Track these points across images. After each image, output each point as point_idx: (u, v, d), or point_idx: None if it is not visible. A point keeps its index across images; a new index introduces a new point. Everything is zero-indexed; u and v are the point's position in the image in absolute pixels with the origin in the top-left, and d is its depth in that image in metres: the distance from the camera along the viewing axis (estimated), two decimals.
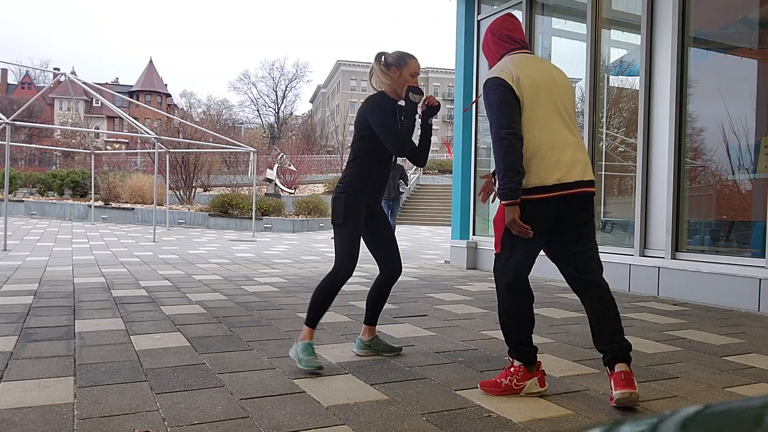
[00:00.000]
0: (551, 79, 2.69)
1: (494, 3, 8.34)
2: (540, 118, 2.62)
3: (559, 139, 2.62)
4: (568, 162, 2.60)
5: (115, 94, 16.79)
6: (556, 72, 2.78)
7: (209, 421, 2.30)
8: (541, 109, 2.63)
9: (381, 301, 3.43)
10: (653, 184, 6.10)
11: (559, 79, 2.74)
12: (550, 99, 2.65)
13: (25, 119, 38.79)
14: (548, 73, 2.71)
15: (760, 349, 3.69)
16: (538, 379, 2.68)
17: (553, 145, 2.61)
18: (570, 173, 2.60)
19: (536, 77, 2.65)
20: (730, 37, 5.68)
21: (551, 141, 2.61)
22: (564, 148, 2.61)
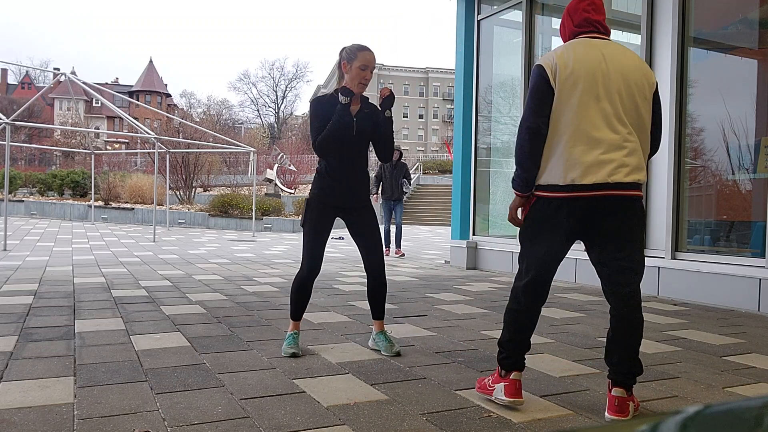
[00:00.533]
0: (603, 68, 2.39)
1: (494, 3, 8.34)
2: (570, 112, 2.39)
3: (587, 135, 2.37)
4: (590, 162, 2.35)
5: (115, 94, 16.79)
6: (623, 61, 2.44)
7: (209, 421, 2.30)
8: (575, 102, 2.38)
9: (374, 295, 3.49)
10: (653, 184, 6.10)
11: (621, 68, 2.41)
12: (593, 91, 2.38)
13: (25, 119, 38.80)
14: (604, 61, 2.40)
15: (760, 349, 3.69)
16: (505, 386, 2.49)
17: (578, 142, 2.38)
18: (589, 175, 2.35)
19: (582, 66, 2.38)
20: (730, 37, 5.68)
21: (576, 138, 2.38)
22: (592, 145, 2.36)
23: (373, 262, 3.43)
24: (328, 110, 3.29)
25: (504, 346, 2.57)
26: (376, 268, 3.43)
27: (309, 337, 3.79)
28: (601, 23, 2.53)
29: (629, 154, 2.39)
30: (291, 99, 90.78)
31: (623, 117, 2.39)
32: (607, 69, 2.40)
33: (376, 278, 3.45)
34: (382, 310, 3.50)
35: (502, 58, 8.39)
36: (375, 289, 3.47)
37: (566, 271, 6.90)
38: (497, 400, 2.52)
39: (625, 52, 2.48)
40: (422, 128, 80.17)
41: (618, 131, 2.39)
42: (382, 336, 3.44)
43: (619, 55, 2.44)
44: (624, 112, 2.40)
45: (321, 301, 5.23)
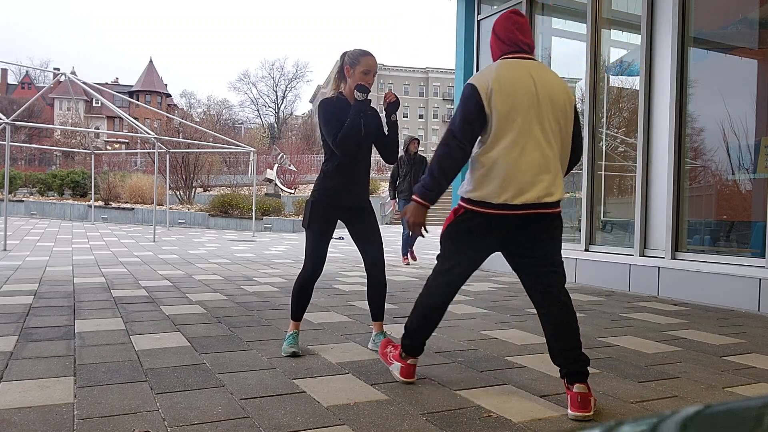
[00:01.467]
0: (534, 93, 2.55)
1: (494, 3, 8.34)
2: (504, 135, 2.54)
3: (520, 158, 2.53)
4: (523, 183, 2.52)
5: (115, 94, 16.79)
6: (549, 83, 2.61)
7: (209, 421, 2.30)
8: (509, 125, 2.53)
9: (374, 296, 3.48)
10: (653, 184, 6.10)
11: (548, 92, 2.58)
12: (526, 115, 2.53)
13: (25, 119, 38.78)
14: (534, 85, 2.56)
15: (760, 349, 3.69)
16: (402, 368, 2.82)
17: (512, 164, 2.53)
18: (521, 195, 2.52)
19: (517, 91, 2.53)
20: (730, 37, 5.68)
21: (510, 160, 2.53)
22: (525, 168, 2.52)
23: (374, 262, 3.43)
24: (340, 111, 3.33)
25: (410, 334, 2.81)
26: (376, 268, 3.44)
27: (309, 337, 3.79)
28: (527, 43, 2.69)
29: (555, 175, 2.60)
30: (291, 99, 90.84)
31: (551, 140, 2.59)
32: (538, 93, 2.57)
33: (376, 278, 3.45)
34: (382, 311, 3.50)
35: None
36: (375, 290, 3.47)
37: (566, 271, 6.90)
38: (393, 375, 2.88)
39: (549, 73, 2.68)
40: (422, 128, 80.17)
41: (546, 155, 2.58)
42: (382, 336, 3.45)
43: (546, 78, 2.63)
44: (552, 134, 2.59)
45: (321, 301, 5.23)
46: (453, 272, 2.70)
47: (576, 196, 7.13)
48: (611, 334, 4.06)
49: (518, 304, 5.26)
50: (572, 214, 7.19)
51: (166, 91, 76.19)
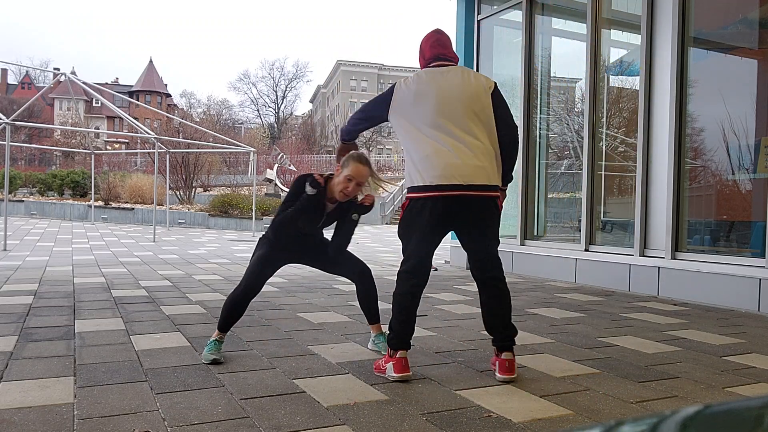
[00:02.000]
0: (446, 89, 2.90)
1: (494, 3, 8.34)
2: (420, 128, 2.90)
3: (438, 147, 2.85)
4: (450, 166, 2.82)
5: (115, 94, 16.79)
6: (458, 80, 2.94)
7: (209, 421, 2.30)
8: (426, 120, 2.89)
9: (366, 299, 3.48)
10: (653, 184, 6.10)
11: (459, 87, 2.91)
12: (439, 110, 2.87)
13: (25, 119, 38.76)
14: (446, 82, 2.92)
15: (760, 349, 3.69)
16: (394, 364, 2.85)
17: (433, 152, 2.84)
18: (447, 178, 2.81)
19: (430, 90, 2.90)
20: (730, 37, 5.68)
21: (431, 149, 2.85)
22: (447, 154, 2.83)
23: (356, 272, 3.43)
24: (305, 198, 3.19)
25: (392, 327, 2.94)
26: (361, 275, 3.43)
27: (309, 337, 3.79)
28: (447, 55, 3.08)
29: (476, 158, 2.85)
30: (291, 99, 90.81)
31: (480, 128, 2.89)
32: (449, 88, 2.91)
33: (364, 282, 3.43)
34: (377, 313, 3.49)
35: (502, 58, 8.40)
36: (366, 294, 3.44)
37: (566, 271, 6.90)
38: (389, 377, 2.87)
39: (463, 72, 2.99)
40: None
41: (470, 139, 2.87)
42: (381, 337, 3.44)
43: (458, 76, 2.96)
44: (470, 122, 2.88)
45: (321, 301, 5.23)
46: (411, 258, 2.99)
47: (576, 196, 7.13)
48: (611, 334, 4.06)
49: (518, 304, 5.26)
50: (572, 214, 7.19)
51: (166, 91, 76.18)
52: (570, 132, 7.45)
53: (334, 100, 77.29)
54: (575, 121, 7.37)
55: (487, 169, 2.87)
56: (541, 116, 7.69)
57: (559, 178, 7.62)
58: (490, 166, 2.90)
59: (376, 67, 77.05)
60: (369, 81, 76.71)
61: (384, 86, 77.49)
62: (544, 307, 5.17)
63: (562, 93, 7.79)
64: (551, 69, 7.68)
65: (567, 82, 7.70)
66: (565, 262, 6.91)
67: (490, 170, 2.89)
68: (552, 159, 7.66)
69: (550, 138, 7.64)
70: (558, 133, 7.65)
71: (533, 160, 7.69)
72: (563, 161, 7.53)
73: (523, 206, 7.67)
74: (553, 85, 7.73)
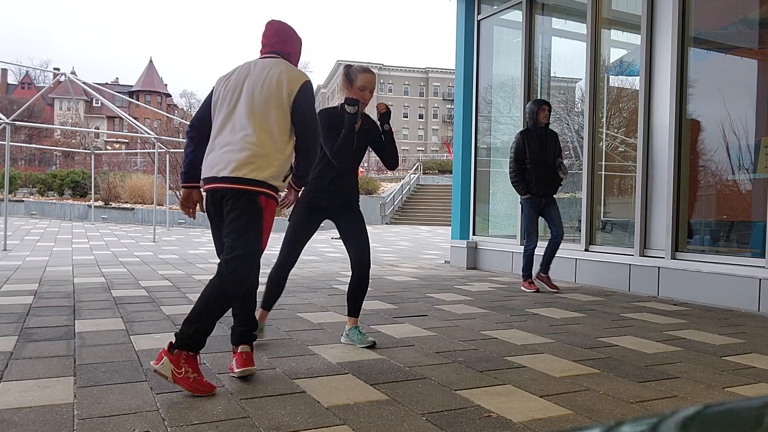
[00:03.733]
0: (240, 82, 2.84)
1: (494, 3, 8.34)
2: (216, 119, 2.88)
3: (217, 140, 2.82)
4: (211, 160, 2.80)
5: (115, 94, 16.79)
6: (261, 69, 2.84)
7: (209, 421, 2.30)
8: (221, 111, 2.86)
9: (355, 292, 3.63)
10: (653, 184, 6.10)
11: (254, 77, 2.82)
12: (235, 99, 2.83)
13: (25, 119, 38.77)
14: (248, 73, 2.84)
15: (760, 349, 3.69)
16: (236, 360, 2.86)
17: (212, 145, 2.84)
18: (209, 171, 2.80)
19: (231, 81, 2.86)
20: (730, 37, 5.68)
21: (213, 141, 2.85)
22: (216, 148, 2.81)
23: (361, 250, 3.56)
24: (339, 122, 3.51)
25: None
26: (361, 265, 3.56)
27: (309, 337, 3.79)
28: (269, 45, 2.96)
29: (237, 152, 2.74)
30: None
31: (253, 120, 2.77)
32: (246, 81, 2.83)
33: (359, 275, 3.58)
34: (359, 308, 3.65)
35: (502, 58, 8.40)
36: (357, 287, 3.61)
37: (566, 271, 6.90)
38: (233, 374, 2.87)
39: (266, 65, 2.86)
40: (422, 128, 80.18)
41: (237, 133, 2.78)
42: (356, 330, 3.60)
43: (259, 67, 2.86)
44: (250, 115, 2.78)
45: (321, 301, 5.24)
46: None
47: (576, 196, 7.13)
48: (611, 334, 4.06)
49: (518, 304, 5.27)
50: (572, 214, 7.19)
51: (166, 91, 76.19)
52: (570, 132, 7.44)
53: (334, 100, 77.17)
54: (575, 121, 7.37)
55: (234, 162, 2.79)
56: None
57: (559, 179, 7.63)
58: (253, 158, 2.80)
59: (376, 67, 77.02)
60: None
61: (384, 86, 77.54)
62: (544, 307, 5.17)
63: (562, 93, 7.79)
64: (551, 69, 7.68)
65: (567, 82, 7.70)
66: (565, 262, 6.91)
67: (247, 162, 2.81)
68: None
69: None
70: (558, 133, 7.65)
71: None
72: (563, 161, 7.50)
73: None
74: (553, 85, 7.73)
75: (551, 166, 6.04)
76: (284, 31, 2.97)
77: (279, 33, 2.96)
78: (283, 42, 2.96)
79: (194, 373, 2.57)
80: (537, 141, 6.00)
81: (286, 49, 2.96)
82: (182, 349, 2.57)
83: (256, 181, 2.72)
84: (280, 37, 2.96)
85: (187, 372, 2.55)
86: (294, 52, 3.01)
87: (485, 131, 8.53)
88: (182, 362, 2.55)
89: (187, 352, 2.58)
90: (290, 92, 2.79)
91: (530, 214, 6.03)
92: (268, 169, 2.74)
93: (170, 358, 2.55)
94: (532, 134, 6.02)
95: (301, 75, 2.85)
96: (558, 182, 6.11)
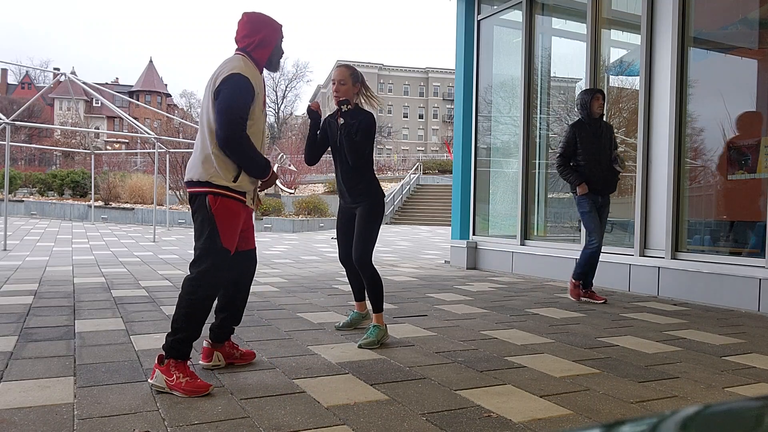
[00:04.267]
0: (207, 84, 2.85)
1: (494, 3, 8.34)
2: None
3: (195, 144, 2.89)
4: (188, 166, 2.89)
5: (115, 94, 16.78)
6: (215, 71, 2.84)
7: (209, 421, 2.30)
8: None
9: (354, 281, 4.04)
10: (653, 184, 6.10)
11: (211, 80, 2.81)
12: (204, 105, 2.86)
13: (25, 119, 38.76)
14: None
15: (760, 349, 3.69)
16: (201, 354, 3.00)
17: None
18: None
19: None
20: (730, 37, 5.68)
21: None
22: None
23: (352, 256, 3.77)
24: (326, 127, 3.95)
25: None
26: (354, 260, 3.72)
27: (309, 337, 3.79)
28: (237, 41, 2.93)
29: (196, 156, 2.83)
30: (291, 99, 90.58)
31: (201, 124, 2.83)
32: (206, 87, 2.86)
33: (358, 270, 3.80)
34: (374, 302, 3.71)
35: (502, 58, 8.39)
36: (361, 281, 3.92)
37: (566, 271, 6.90)
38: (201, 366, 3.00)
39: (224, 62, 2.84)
40: (422, 128, 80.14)
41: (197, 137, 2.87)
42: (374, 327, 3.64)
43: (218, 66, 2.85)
44: (200, 120, 2.86)
45: (321, 301, 5.23)
46: None
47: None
48: (611, 334, 4.06)
49: (518, 304, 5.26)
50: (572, 214, 7.19)
51: (166, 91, 76.17)
52: None
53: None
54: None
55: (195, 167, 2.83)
56: (541, 116, 7.69)
57: (559, 178, 7.63)
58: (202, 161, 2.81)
59: (376, 67, 77.04)
60: (369, 81, 76.43)
61: (384, 86, 77.51)
62: (544, 307, 5.17)
63: (562, 93, 7.79)
64: (551, 69, 7.68)
65: (567, 82, 7.70)
66: (565, 262, 6.91)
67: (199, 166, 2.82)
68: (552, 159, 7.66)
69: (550, 138, 7.63)
70: (558, 133, 7.63)
71: (533, 160, 7.69)
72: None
73: (523, 206, 7.67)
74: (553, 85, 7.73)
75: (607, 162, 5.41)
76: (252, 20, 2.89)
77: (246, 25, 2.89)
78: (251, 33, 2.87)
79: (186, 377, 2.62)
80: (591, 135, 5.37)
81: (253, 39, 2.87)
82: (169, 358, 2.67)
83: (200, 182, 2.78)
84: (247, 30, 2.88)
85: (178, 378, 2.61)
86: (264, 38, 2.88)
87: (485, 131, 8.53)
88: (172, 370, 2.63)
89: (174, 360, 2.66)
90: (215, 89, 2.74)
91: (589, 209, 5.41)
92: (209, 169, 2.76)
93: (161, 370, 2.65)
94: (585, 127, 5.38)
95: (229, 68, 2.75)
96: (616, 180, 5.52)
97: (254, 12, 2.92)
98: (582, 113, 5.43)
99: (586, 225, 5.55)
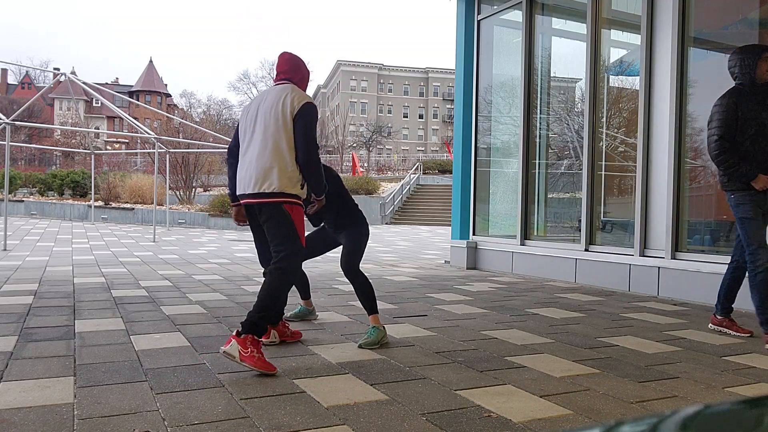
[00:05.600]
0: (258, 108, 3.29)
1: (494, 3, 8.34)
2: (242, 143, 3.33)
3: (242, 159, 3.29)
4: (240, 178, 3.27)
5: (115, 94, 16.78)
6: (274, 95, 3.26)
7: (209, 421, 2.30)
8: (245, 136, 3.32)
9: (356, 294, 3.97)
10: (653, 184, 6.10)
11: (267, 102, 3.26)
12: (254, 123, 3.28)
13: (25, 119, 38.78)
14: (263, 99, 3.30)
15: (760, 349, 3.69)
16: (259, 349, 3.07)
17: (240, 165, 3.31)
18: (239, 188, 3.27)
19: (251, 109, 3.33)
20: (730, 37, 5.68)
21: (240, 161, 3.31)
22: (243, 166, 3.27)
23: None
24: None
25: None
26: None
27: (309, 337, 3.79)
28: (282, 72, 3.42)
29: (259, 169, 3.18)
30: None
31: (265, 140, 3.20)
32: (261, 106, 3.28)
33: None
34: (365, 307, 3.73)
35: (502, 58, 8.40)
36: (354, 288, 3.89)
37: (566, 271, 6.90)
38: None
39: (277, 91, 3.30)
40: (422, 128, 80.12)
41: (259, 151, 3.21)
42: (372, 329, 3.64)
43: (272, 93, 3.30)
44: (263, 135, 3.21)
45: (321, 301, 5.23)
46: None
47: (576, 196, 7.13)
48: (611, 334, 4.06)
49: (518, 304, 5.27)
50: (572, 214, 7.19)
51: (166, 91, 76.16)
52: (570, 132, 7.44)
53: (334, 100, 77.24)
54: (575, 121, 7.37)
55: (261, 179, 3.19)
56: (541, 116, 7.69)
57: (559, 178, 7.61)
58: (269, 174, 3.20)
59: (376, 67, 77.05)
60: (369, 81, 76.67)
61: (384, 86, 77.50)
62: (544, 307, 5.17)
63: (562, 93, 7.79)
64: (551, 69, 7.68)
65: (567, 82, 7.70)
66: (565, 262, 6.91)
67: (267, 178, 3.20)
68: (552, 159, 7.66)
69: (550, 138, 7.64)
70: (558, 133, 7.63)
71: (533, 160, 7.69)
72: (563, 161, 7.49)
73: (523, 206, 7.67)
74: (553, 85, 7.73)
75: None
76: (294, 61, 3.44)
77: (289, 62, 3.43)
78: (293, 70, 3.42)
79: (258, 353, 2.93)
80: (755, 104, 3.83)
81: (295, 76, 3.42)
82: (248, 334, 2.96)
83: (275, 193, 3.16)
84: (290, 66, 3.42)
85: (252, 352, 2.92)
86: (302, 79, 3.46)
87: (485, 131, 8.53)
88: (248, 344, 2.93)
89: (252, 336, 2.96)
90: (293, 110, 3.20)
91: (752, 216, 3.81)
92: (282, 180, 3.16)
93: (238, 341, 2.92)
94: (748, 95, 3.84)
95: (304, 97, 3.27)
96: None
97: (294, 54, 3.48)
98: (744, 78, 3.87)
99: (749, 236, 3.82)
